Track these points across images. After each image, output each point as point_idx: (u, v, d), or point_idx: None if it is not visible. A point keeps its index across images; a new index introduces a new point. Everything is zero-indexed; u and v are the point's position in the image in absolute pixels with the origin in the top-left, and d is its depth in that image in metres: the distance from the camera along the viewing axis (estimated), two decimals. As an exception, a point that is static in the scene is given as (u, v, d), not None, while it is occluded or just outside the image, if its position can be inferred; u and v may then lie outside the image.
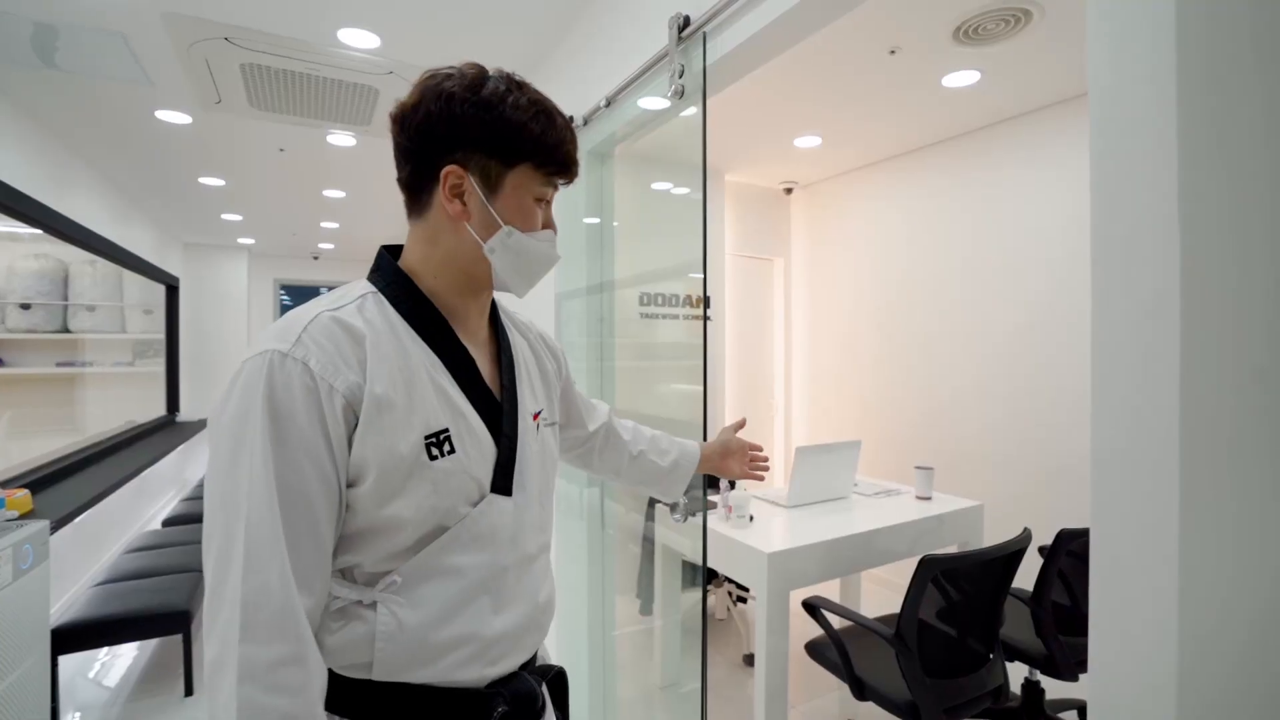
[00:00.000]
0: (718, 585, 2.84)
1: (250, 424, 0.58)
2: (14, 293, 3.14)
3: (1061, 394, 2.58)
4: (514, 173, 0.69)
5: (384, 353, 0.64)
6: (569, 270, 2.00)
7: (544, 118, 0.69)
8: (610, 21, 1.74)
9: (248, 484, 0.57)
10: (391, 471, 0.62)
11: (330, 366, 0.60)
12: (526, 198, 0.70)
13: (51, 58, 2.21)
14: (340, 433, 0.61)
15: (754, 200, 3.84)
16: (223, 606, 0.56)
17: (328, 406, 0.60)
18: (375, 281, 0.71)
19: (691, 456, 1.08)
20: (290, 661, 0.56)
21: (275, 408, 0.58)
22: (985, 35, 2.03)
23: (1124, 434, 0.61)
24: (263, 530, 0.57)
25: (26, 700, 1.71)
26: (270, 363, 0.59)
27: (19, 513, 2.00)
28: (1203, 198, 0.58)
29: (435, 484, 0.65)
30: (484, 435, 0.70)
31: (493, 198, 0.69)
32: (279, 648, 0.55)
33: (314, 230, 5.43)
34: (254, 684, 0.54)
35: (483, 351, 0.76)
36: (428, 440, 0.64)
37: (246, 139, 3.06)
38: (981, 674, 1.60)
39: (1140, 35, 0.60)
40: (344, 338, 0.62)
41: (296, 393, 0.59)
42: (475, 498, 0.68)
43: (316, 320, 0.62)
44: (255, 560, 0.56)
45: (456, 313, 0.72)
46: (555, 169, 0.71)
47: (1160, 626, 0.58)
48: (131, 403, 4.52)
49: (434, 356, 0.68)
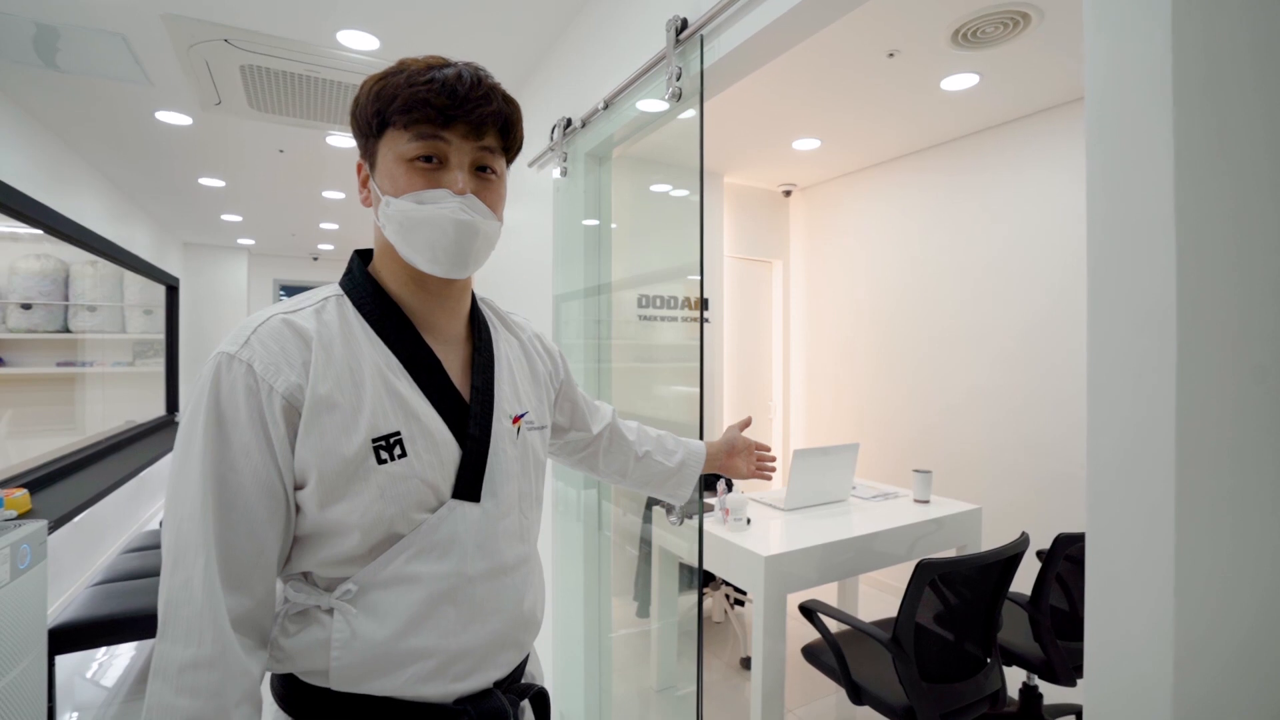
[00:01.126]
0: (715, 588, 2.84)
1: (196, 425, 0.59)
2: (15, 292, 3.14)
3: (1061, 397, 2.57)
4: (382, 141, 0.66)
5: (333, 354, 0.63)
6: (567, 272, 2.00)
7: (401, 75, 0.64)
8: (608, 24, 1.75)
9: (186, 484, 0.58)
10: (334, 474, 0.61)
11: (272, 367, 0.60)
12: (398, 162, 0.65)
13: (53, 59, 2.22)
14: (281, 433, 0.60)
15: (753, 202, 3.84)
16: (159, 603, 0.58)
17: (267, 407, 0.60)
18: (344, 284, 0.71)
19: (698, 456, 1.06)
20: (203, 665, 0.56)
21: (220, 410, 0.59)
22: (984, 38, 2.03)
23: (1120, 439, 0.61)
24: (192, 529, 0.58)
25: (23, 700, 1.71)
26: (219, 365, 0.60)
27: (17, 512, 2.00)
28: (1199, 202, 0.58)
29: (382, 488, 0.62)
30: (444, 438, 0.67)
31: (375, 173, 0.68)
32: (192, 650, 0.56)
33: (313, 231, 5.44)
34: (165, 683, 0.56)
35: (455, 351, 0.73)
36: (375, 443, 0.62)
37: (246, 140, 3.07)
38: (979, 679, 1.59)
39: (1136, 39, 0.60)
40: (291, 339, 0.62)
41: (240, 394, 0.59)
42: (432, 504, 0.66)
43: (267, 323, 0.63)
44: (181, 559, 0.57)
45: (417, 310, 0.70)
46: (417, 115, 0.63)
47: (1156, 631, 0.58)
48: (131, 403, 4.52)
49: (391, 357, 0.66)
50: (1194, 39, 0.58)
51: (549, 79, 2.18)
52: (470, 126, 0.64)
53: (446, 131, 0.64)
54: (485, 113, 0.65)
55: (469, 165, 0.66)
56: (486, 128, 0.66)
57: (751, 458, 1.13)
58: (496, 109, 0.66)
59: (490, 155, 0.68)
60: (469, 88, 0.64)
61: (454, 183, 0.65)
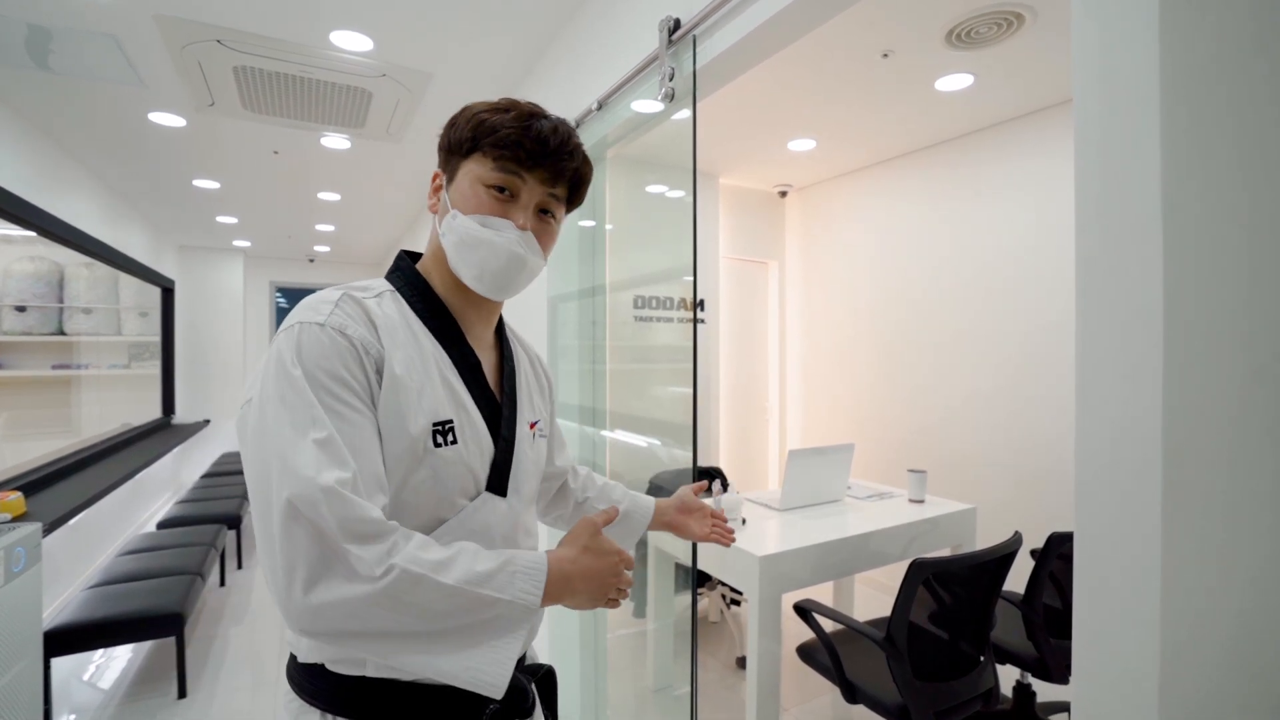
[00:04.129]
0: (710, 588, 2.84)
1: (296, 394, 0.59)
2: (9, 295, 3.13)
3: (1055, 397, 2.58)
4: (468, 161, 0.71)
5: (399, 340, 0.67)
6: (562, 273, 2.00)
7: (506, 114, 0.70)
8: (601, 25, 1.75)
9: (298, 456, 0.57)
10: (400, 449, 0.64)
11: (363, 336, 0.64)
12: (476, 184, 0.71)
13: (45, 60, 2.21)
14: (378, 393, 0.64)
15: (748, 203, 3.85)
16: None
17: (370, 368, 0.63)
18: (393, 280, 0.74)
19: (645, 511, 1.03)
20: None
21: (324, 375, 0.60)
22: (978, 39, 2.03)
23: (1107, 438, 0.61)
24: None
25: (19, 703, 1.70)
26: (305, 335, 0.62)
27: (12, 515, 2.00)
28: (1186, 202, 0.59)
29: (436, 470, 0.66)
30: (484, 434, 0.72)
31: (450, 186, 0.73)
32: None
33: (309, 233, 5.42)
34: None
35: (487, 356, 0.78)
36: (434, 427, 0.66)
37: (240, 141, 3.06)
38: (972, 677, 1.60)
39: (1124, 39, 0.60)
40: (365, 317, 0.66)
41: (340, 357, 0.61)
42: (473, 491, 0.70)
43: (344, 298, 0.66)
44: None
45: (463, 316, 0.75)
46: (506, 153, 0.69)
47: (1142, 629, 0.58)
48: (127, 405, 4.51)
49: (444, 353, 0.71)
50: (1181, 39, 0.58)
51: (542, 80, 2.18)
52: (548, 174, 0.71)
53: (526, 172, 0.71)
54: (564, 166, 0.72)
55: (535, 206, 0.73)
56: (561, 179, 0.73)
57: (706, 520, 1.08)
58: (575, 166, 0.74)
59: (555, 202, 0.74)
60: (560, 142, 0.71)
61: (518, 217, 0.71)
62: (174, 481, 5.24)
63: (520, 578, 0.62)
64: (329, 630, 0.56)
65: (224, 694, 2.39)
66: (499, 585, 0.60)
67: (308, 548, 0.55)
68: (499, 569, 0.61)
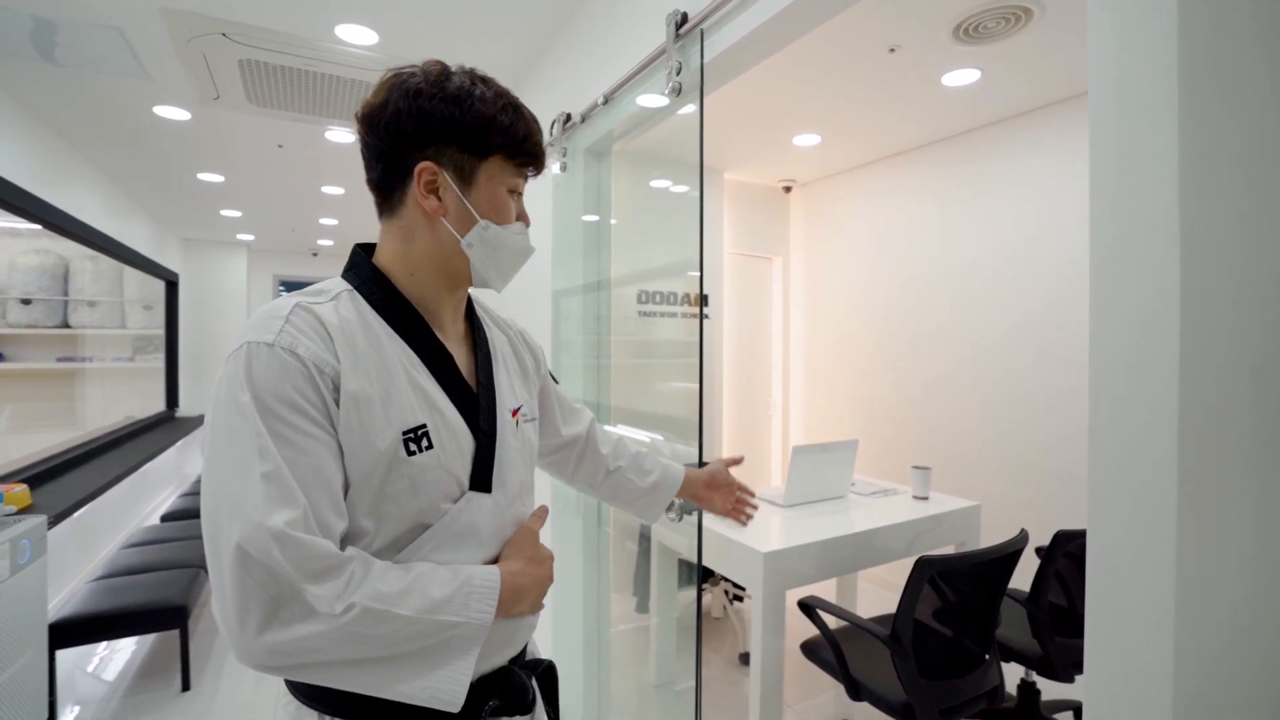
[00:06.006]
0: (714, 584, 2.84)
1: (245, 423, 0.57)
2: (15, 288, 3.14)
3: (1061, 395, 2.57)
4: (486, 165, 0.69)
5: (358, 349, 0.64)
6: (566, 268, 2.00)
7: (512, 110, 0.69)
8: (607, 18, 1.74)
9: (248, 490, 0.56)
10: (369, 466, 0.62)
11: (315, 353, 0.61)
12: (500, 190, 0.70)
13: (51, 53, 2.21)
14: (335, 414, 0.61)
15: (753, 198, 3.83)
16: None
17: (325, 389, 0.60)
18: (350, 279, 0.70)
19: (674, 479, 1.05)
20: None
21: (271, 400, 0.58)
22: (985, 33, 2.02)
23: (1122, 438, 0.61)
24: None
25: (24, 694, 1.71)
26: (255, 356, 0.59)
27: (17, 508, 2.00)
28: (1204, 198, 0.57)
29: (413, 479, 0.64)
30: (462, 431, 0.70)
31: (468, 191, 0.69)
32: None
33: (313, 226, 5.43)
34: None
35: (459, 347, 0.76)
36: (405, 436, 0.64)
37: (245, 135, 3.06)
38: (977, 675, 1.60)
39: (1141, 31, 0.59)
40: (320, 329, 0.63)
41: (290, 380, 0.58)
42: (455, 494, 0.69)
43: (295, 311, 0.63)
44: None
45: (432, 309, 0.72)
46: (526, 159, 0.71)
47: (1157, 628, 0.58)
48: (131, 398, 4.52)
49: (411, 353, 0.68)
50: (1200, 32, 0.57)
51: (548, 74, 2.17)
52: (538, 169, 0.74)
53: (530, 170, 0.73)
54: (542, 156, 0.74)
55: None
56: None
57: (731, 495, 1.10)
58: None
59: None
60: (539, 128, 0.73)
61: (524, 215, 0.74)
62: (178, 475, 5.25)
63: (475, 598, 0.62)
64: (284, 665, 0.55)
65: (227, 687, 2.40)
66: (456, 608, 0.61)
67: (259, 591, 0.53)
68: (455, 592, 0.61)
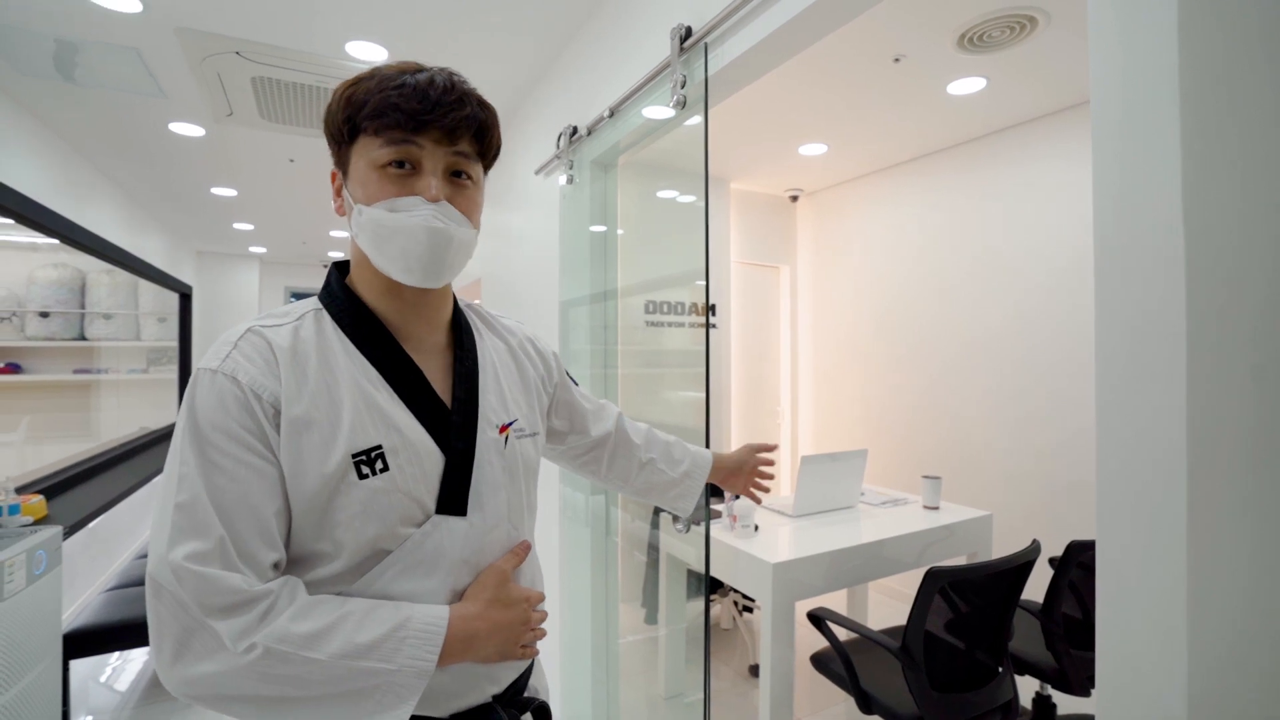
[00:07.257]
0: (723, 595, 2.82)
1: (189, 446, 0.58)
2: (34, 301, 3.20)
3: (1072, 403, 2.54)
4: (355, 147, 0.64)
5: (307, 371, 0.62)
6: (573, 278, 2.01)
7: (372, 80, 0.63)
8: (613, 33, 1.76)
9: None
10: (315, 491, 0.60)
11: (258, 379, 0.60)
12: (368, 169, 0.63)
13: (71, 73, 2.27)
14: (276, 441, 0.60)
15: (759, 208, 3.84)
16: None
17: (263, 416, 0.59)
18: (322, 298, 0.69)
19: (703, 466, 1.04)
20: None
21: (208, 428, 0.58)
22: (990, 42, 2.02)
23: (1129, 446, 0.60)
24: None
25: (38, 704, 1.73)
26: (202, 382, 0.60)
27: (33, 518, 2.03)
28: (1207, 205, 0.57)
29: (365, 504, 0.61)
30: (428, 449, 0.65)
31: (347, 181, 0.66)
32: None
33: (324, 239, 5.49)
34: None
35: (437, 360, 0.71)
36: (355, 458, 0.61)
37: (257, 150, 3.11)
38: (990, 688, 1.57)
39: (1143, 36, 0.59)
40: (267, 352, 0.62)
41: (231, 407, 0.58)
42: (418, 518, 0.64)
43: (244, 336, 0.62)
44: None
45: (398, 322, 0.68)
46: (388, 121, 0.61)
47: (1168, 642, 0.57)
48: (145, 409, 4.58)
49: (370, 368, 0.65)
50: (1201, 36, 0.57)
51: (555, 87, 2.20)
52: (444, 132, 0.62)
53: (419, 137, 0.62)
54: (459, 117, 0.63)
55: (443, 171, 0.64)
56: (461, 133, 0.64)
57: (751, 479, 1.11)
58: (470, 113, 0.64)
59: (465, 161, 0.65)
60: (441, 92, 0.62)
61: (427, 189, 0.63)
62: (190, 485, 5.29)
63: (410, 644, 0.58)
64: (204, 697, 0.54)
65: (238, 697, 2.40)
66: (384, 654, 0.57)
67: (170, 621, 0.54)
68: (386, 636, 0.58)
